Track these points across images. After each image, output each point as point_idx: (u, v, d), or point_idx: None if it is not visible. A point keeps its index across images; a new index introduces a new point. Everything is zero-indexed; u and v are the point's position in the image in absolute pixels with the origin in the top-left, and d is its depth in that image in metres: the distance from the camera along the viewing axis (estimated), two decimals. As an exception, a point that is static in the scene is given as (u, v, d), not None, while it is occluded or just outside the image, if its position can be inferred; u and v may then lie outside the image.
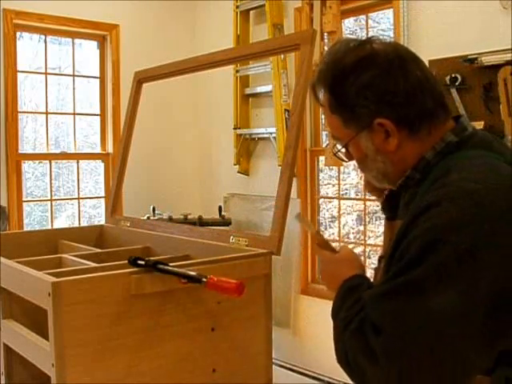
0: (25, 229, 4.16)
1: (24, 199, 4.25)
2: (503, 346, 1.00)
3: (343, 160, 1.28)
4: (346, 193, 4.36)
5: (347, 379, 1.16)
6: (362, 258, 3.90)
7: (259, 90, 4.38)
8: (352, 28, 5.27)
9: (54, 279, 1.14)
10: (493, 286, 0.96)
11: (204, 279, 1.13)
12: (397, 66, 1.16)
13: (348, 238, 5.42)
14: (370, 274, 1.31)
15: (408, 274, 1.00)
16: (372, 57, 1.17)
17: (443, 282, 0.97)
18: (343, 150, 1.24)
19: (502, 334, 0.99)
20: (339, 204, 4.28)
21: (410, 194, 1.21)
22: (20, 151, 4.19)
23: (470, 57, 3.04)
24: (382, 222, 1.43)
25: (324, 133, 4.11)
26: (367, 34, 4.26)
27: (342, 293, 1.19)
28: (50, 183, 4.43)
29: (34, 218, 4.76)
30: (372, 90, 1.15)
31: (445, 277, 0.97)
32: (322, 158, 4.10)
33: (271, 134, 4.22)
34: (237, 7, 4.42)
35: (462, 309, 0.96)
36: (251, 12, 4.43)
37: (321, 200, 4.35)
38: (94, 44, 4.60)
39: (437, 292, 0.97)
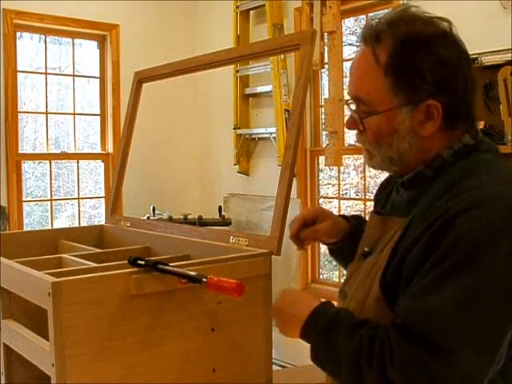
0: (25, 229, 4.16)
1: (24, 199, 4.25)
2: None
3: (351, 127, 1.17)
4: (346, 193, 4.36)
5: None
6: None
7: (259, 90, 4.38)
8: (352, 28, 5.26)
9: (54, 279, 1.13)
10: None
11: (204, 279, 1.13)
12: (465, 54, 1.13)
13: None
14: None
15: (460, 278, 0.97)
16: (447, 36, 1.12)
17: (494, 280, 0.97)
18: (368, 117, 1.12)
19: None
20: (339, 204, 4.28)
21: (414, 191, 1.15)
22: (20, 151, 4.19)
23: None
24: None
25: (324, 133, 4.10)
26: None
27: (322, 328, 1.12)
28: (50, 183, 4.43)
29: (33, 218, 4.76)
30: (443, 69, 1.08)
31: (495, 276, 0.97)
32: (322, 158, 4.10)
33: (271, 134, 4.23)
34: (237, 7, 4.42)
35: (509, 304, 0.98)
36: (251, 12, 4.43)
37: (321, 200, 4.35)
38: (94, 44, 4.60)
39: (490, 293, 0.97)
